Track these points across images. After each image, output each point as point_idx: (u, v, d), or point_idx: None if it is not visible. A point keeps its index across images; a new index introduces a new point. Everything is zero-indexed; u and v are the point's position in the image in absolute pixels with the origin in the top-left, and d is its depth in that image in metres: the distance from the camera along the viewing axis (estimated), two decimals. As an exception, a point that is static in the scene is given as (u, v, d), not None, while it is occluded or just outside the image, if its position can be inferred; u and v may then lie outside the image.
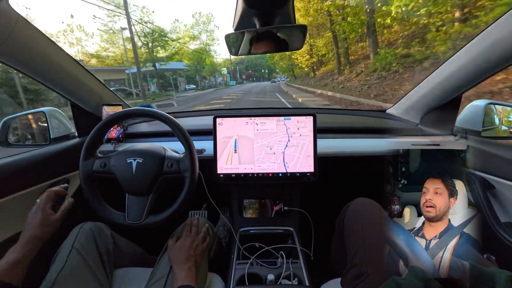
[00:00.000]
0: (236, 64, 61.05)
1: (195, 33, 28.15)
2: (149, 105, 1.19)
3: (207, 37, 29.66)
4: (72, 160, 0.85)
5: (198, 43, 29.45)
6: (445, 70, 0.84)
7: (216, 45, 40.97)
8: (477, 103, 0.93)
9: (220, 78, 41.02)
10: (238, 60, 61.98)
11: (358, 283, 0.62)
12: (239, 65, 64.18)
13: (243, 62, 64.27)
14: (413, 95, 1.05)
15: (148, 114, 0.74)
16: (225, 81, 41.44)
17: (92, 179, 0.74)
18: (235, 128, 0.91)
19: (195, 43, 28.78)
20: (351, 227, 0.75)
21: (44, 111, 0.99)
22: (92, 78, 0.99)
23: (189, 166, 0.72)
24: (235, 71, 60.88)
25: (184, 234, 0.75)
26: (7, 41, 0.63)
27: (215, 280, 0.76)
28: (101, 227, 0.76)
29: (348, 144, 1.01)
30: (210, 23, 29.07)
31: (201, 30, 29.05)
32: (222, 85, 39.31)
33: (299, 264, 0.82)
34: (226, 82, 41.10)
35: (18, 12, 0.63)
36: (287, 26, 0.64)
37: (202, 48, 29.88)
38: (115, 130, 1.05)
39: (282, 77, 49.30)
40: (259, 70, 73.28)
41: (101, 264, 0.69)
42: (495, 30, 0.65)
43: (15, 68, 0.73)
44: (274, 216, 1.03)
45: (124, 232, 0.82)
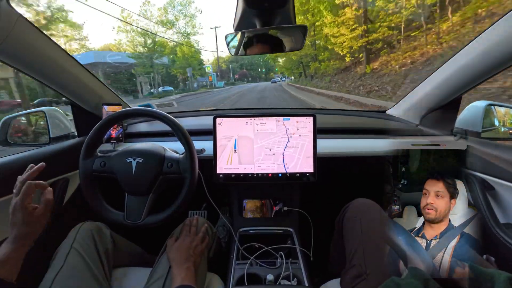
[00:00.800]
0: (229, 62, 54.51)
1: (169, 18, 21.39)
2: (149, 104, 1.19)
3: (186, 23, 22.42)
4: (72, 159, 0.85)
5: (176, 31, 22.31)
6: (444, 71, 0.85)
7: (198, 35, 32.34)
8: (477, 104, 0.93)
9: (204, 78, 31.38)
10: (232, 58, 52.58)
11: (357, 283, 0.62)
12: (233, 63, 56.18)
13: (238, 60, 54.62)
14: (413, 96, 1.05)
15: (148, 113, 0.74)
16: (211, 82, 31.68)
17: (92, 178, 0.73)
18: (235, 128, 0.91)
19: (171, 33, 21.74)
20: (350, 228, 0.75)
21: (44, 110, 0.99)
22: (92, 78, 0.99)
23: (189, 166, 0.72)
24: (228, 70, 54.85)
25: (183, 234, 0.75)
26: (7, 40, 0.63)
27: (214, 280, 0.76)
28: (101, 227, 0.76)
29: (347, 145, 1.01)
30: (189, 4, 22.19)
31: (177, 14, 21.87)
32: (207, 86, 30.51)
33: (298, 264, 0.82)
34: (211, 83, 31.50)
35: (18, 11, 0.63)
36: (287, 27, 0.64)
37: (183, 40, 22.46)
38: (115, 130, 1.05)
39: (280, 76, 47.18)
40: (255, 69, 66.02)
41: (100, 263, 0.69)
42: (495, 31, 0.65)
43: (15, 68, 0.73)
44: (273, 217, 1.03)
45: (124, 232, 0.82)
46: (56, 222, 0.84)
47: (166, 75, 25.96)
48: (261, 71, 67.82)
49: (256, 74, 66.28)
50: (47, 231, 0.64)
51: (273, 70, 67.80)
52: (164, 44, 21.02)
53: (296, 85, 21.34)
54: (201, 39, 77.65)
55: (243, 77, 60.63)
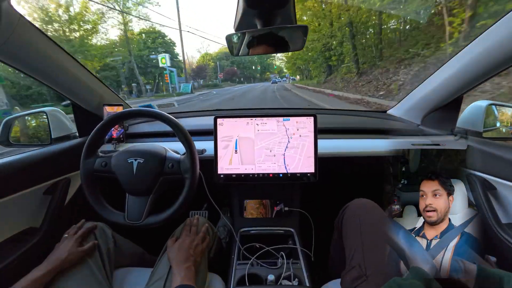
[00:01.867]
0: (218, 60, 45.18)
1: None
2: (150, 105, 1.19)
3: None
4: (73, 160, 0.85)
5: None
6: (446, 71, 0.84)
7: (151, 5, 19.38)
8: (478, 103, 0.92)
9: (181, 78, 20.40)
10: (221, 55, 45.27)
11: (358, 284, 0.62)
12: (222, 60, 45.76)
13: (228, 57, 44.58)
14: (414, 96, 1.05)
15: (149, 114, 0.74)
16: (168, 84, 19.20)
17: (93, 178, 0.74)
18: (236, 128, 0.91)
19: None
20: (349, 228, 0.74)
21: (45, 111, 0.99)
22: (93, 78, 0.99)
23: (189, 167, 0.72)
24: (216, 68, 43.60)
25: (183, 234, 0.75)
26: (9, 41, 0.64)
27: (215, 280, 0.76)
28: (102, 227, 0.76)
29: (348, 145, 1.00)
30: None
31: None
32: (162, 91, 19.80)
33: (299, 264, 0.82)
34: (175, 87, 19.14)
35: (19, 12, 0.63)
36: (288, 27, 0.64)
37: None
38: (116, 130, 1.05)
39: (277, 76, 43.32)
40: (249, 67, 55.89)
41: (102, 263, 0.69)
42: (496, 30, 0.64)
43: (16, 68, 0.74)
44: (274, 217, 1.03)
45: (125, 232, 0.82)
46: (57, 223, 0.85)
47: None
48: (255, 70, 58.39)
49: (249, 74, 56.56)
50: (49, 230, 0.65)
51: (270, 69, 60.19)
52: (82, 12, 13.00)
53: (311, 88, 15.55)
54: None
55: (231, 75, 47.20)
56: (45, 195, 0.86)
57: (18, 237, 0.77)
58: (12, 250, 0.73)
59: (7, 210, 0.74)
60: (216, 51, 48.57)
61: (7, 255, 0.71)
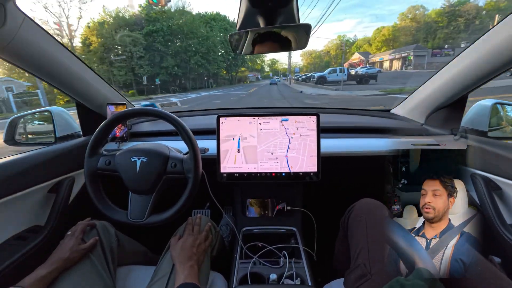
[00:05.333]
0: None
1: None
2: (153, 104, 1.20)
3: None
4: (77, 158, 0.85)
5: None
6: (450, 70, 0.83)
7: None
8: (483, 102, 0.91)
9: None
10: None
11: (361, 283, 0.62)
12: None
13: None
14: (418, 95, 1.04)
15: (153, 113, 0.75)
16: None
17: (96, 176, 0.74)
18: (238, 127, 0.91)
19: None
20: (355, 228, 0.74)
21: (50, 110, 1.00)
22: (97, 78, 1.00)
23: (192, 167, 0.72)
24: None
25: (186, 233, 0.75)
26: (14, 41, 0.64)
27: (217, 278, 0.76)
28: (105, 225, 0.77)
29: (351, 144, 1.00)
30: None
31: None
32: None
33: (301, 264, 0.82)
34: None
35: (24, 12, 0.64)
36: (291, 25, 0.63)
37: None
38: (120, 129, 1.06)
39: (257, 76, 34.78)
40: (213, 61, 31.03)
41: (105, 261, 0.70)
42: (501, 29, 0.64)
43: (21, 68, 0.74)
44: (277, 216, 1.03)
45: (128, 230, 0.83)
46: (62, 221, 0.85)
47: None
48: (231, 67, 35.40)
49: (212, 73, 31.72)
50: (53, 228, 0.65)
51: (251, 69, 45.68)
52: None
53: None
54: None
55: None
56: (49, 193, 0.87)
57: (23, 235, 0.78)
58: (18, 247, 0.73)
59: (13, 208, 0.75)
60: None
61: (12, 252, 0.72)
